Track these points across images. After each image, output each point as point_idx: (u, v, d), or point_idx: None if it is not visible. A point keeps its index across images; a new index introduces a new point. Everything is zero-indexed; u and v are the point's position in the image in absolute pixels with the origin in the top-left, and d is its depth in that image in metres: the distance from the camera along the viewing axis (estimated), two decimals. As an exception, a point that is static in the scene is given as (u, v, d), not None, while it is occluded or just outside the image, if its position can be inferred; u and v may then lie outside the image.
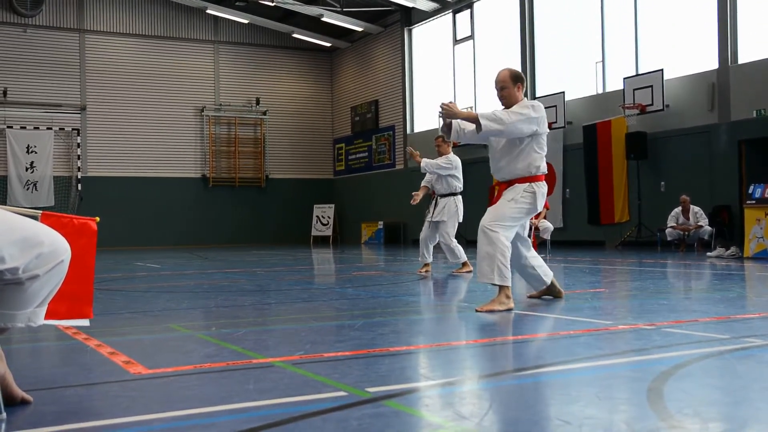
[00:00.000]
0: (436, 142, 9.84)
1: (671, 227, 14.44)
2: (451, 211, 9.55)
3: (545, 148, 5.66)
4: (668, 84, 15.57)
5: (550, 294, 6.07)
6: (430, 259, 9.74)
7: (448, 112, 5.50)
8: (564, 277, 8.91)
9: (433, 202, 9.83)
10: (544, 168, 5.64)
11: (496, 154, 5.75)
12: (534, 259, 5.90)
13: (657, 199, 15.84)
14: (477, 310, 5.38)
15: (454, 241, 9.58)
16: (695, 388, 2.88)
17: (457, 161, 9.62)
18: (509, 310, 5.35)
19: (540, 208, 5.62)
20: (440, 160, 9.41)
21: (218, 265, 13.06)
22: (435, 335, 4.67)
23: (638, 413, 2.48)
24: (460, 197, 9.65)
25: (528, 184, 5.56)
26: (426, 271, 9.64)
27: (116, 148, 24.40)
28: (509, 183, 5.64)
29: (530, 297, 6.13)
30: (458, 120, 5.64)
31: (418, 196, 9.85)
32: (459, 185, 9.66)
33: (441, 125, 5.85)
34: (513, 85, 5.69)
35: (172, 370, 3.32)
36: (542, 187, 5.60)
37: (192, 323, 5.27)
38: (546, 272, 5.92)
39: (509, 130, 5.42)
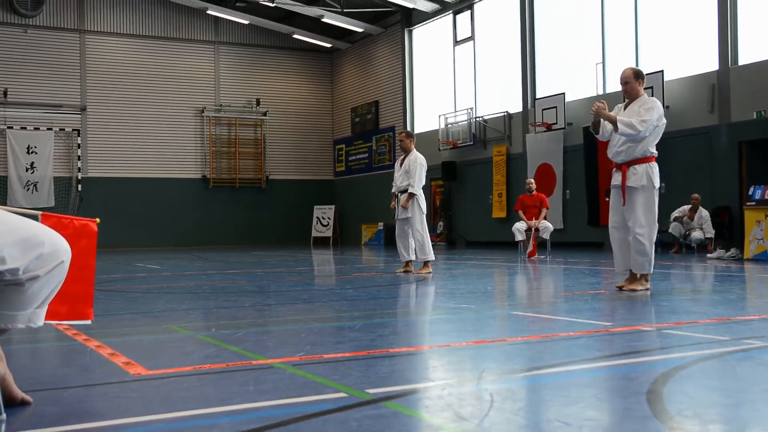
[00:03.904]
0: (400, 137, 10.10)
1: (676, 218, 14.45)
2: (414, 207, 9.61)
3: (659, 136, 6.70)
4: (668, 85, 15.57)
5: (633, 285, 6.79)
6: (410, 257, 9.77)
7: (598, 112, 6.71)
8: (564, 278, 8.92)
9: (396, 200, 9.96)
10: (655, 151, 6.69)
11: (617, 140, 6.74)
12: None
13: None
14: (622, 289, 6.62)
15: (426, 236, 9.62)
16: (695, 389, 2.88)
17: (422, 159, 9.71)
18: (647, 290, 6.57)
19: (657, 183, 6.64)
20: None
21: (218, 266, 13.06)
22: (435, 336, 4.67)
23: (638, 415, 2.48)
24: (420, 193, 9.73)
25: (645, 165, 6.62)
26: (406, 270, 9.67)
27: (116, 148, 24.41)
28: (628, 164, 6.67)
29: (618, 288, 6.79)
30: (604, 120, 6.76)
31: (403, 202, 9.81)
32: (415, 182, 9.63)
33: (592, 122, 6.95)
34: (635, 80, 6.72)
35: (172, 371, 3.32)
36: (655, 167, 6.67)
37: (192, 324, 5.27)
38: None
39: (639, 136, 6.53)
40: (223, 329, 4.84)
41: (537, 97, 19.12)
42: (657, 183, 6.69)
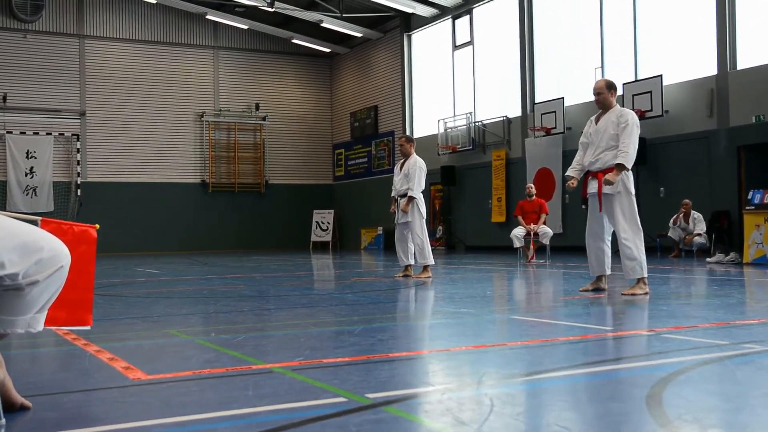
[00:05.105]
0: (400, 141, 10.12)
1: (672, 224, 14.54)
2: (414, 211, 9.61)
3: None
4: (667, 90, 15.59)
5: (599, 288, 7.02)
6: (409, 261, 9.76)
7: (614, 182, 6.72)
8: (563, 282, 8.92)
9: (396, 204, 9.96)
10: None
11: (595, 150, 6.90)
12: (608, 247, 7.03)
13: (656, 205, 15.85)
14: (622, 294, 6.66)
15: (425, 240, 9.61)
16: (695, 394, 2.88)
17: (422, 163, 9.71)
18: (646, 293, 6.62)
19: (633, 189, 6.76)
20: None
21: (217, 270, 13.06)
22: (434, 341, 4.67)
23: (637, 419, 2.48)
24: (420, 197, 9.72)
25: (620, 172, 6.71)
26: (405, 275, 9.66)
27: (116, 153, 24.42)
28: (604, 172, 6.80)
29: (582, 291, 7.06)
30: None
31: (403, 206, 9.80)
32: (414, 186, 9.62)
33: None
34: (607, 91, 6.99)
35: (172, 376, 3.32)
36: (629, 174, 6.80)
37: (191, 329, 5.26)
38: (609, 263, 7.04)
39: (634, 152, 6.75)
40: (222, 334, 4.84)
41: (536, 101, 19.14)
42: (632, 189, 6.80)
